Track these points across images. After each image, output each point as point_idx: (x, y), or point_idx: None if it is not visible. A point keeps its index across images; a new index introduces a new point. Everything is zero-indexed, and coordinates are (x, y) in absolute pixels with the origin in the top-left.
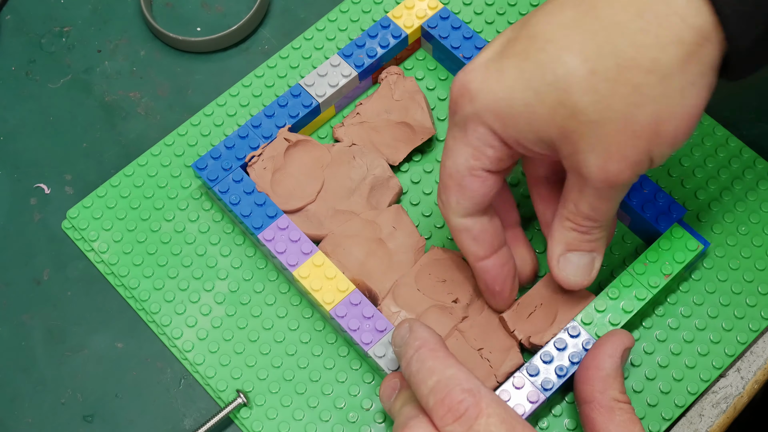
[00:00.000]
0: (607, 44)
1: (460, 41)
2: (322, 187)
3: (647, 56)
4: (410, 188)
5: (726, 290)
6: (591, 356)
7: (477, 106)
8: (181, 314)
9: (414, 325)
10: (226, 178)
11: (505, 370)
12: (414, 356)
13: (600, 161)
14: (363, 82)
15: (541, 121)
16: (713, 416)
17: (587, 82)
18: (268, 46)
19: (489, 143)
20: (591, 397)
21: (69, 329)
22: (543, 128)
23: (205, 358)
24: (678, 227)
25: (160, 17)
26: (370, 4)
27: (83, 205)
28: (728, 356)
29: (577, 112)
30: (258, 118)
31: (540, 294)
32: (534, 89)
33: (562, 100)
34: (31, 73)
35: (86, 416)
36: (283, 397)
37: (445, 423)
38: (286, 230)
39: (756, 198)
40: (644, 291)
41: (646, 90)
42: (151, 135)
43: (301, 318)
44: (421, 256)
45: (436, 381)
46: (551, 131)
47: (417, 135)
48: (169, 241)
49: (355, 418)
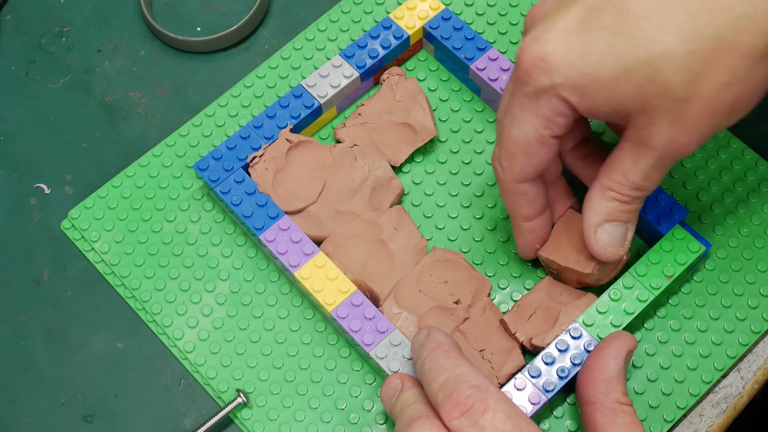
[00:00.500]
0: (709, 26)
1: (461, 42)
2: (324, 188)
3: (747, 41)
4: (412, 189)
5: (728, 292)
6: (594, 358)
7: (556, 79)
8: (183, 315)
9: (432, 330)
10: (228, 179)
11: (507, 371)
12: (428, 356)
13: (674, 134)
14: (365, 83)
15: (624, 96)
16: (713, 416)
17: (682, 62)
18: (268, 46)
19: (561, 113)
20: (594, 398)
21: (69, 329)
22: (624, 102)
23: (206, 359)
24: (680, 229)
25: (160, 17)
26: (371, 5)
27: (84, 205)
28: (730, 358)
29: (666, 89)
30: (259, 119)
31: (541, 296)
32: (624, 66)
33: (653, 77)
34: (31, 73)
35: (86, 416)
36: (284, 398)
37: (452, 417)
38: (288, 231)
39: (758, 199)
40: (646, 292)
41: (739, 71)
42: (151, 135)
43: (303, 319)
44: (423, 257)
45: (446, 378)
46: (632, 105)
47: (419, 136)
48: (170, 242)
49: (356, 419)
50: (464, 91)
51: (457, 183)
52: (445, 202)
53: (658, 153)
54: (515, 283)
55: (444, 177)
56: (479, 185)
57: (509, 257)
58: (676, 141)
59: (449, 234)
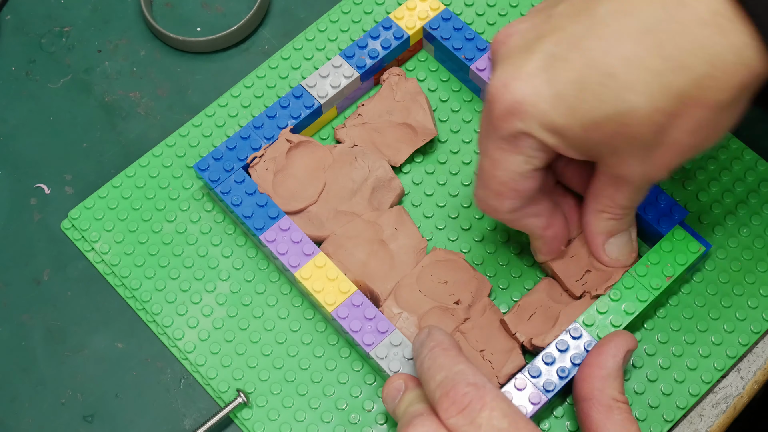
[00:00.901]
0: (672, 85)
1: (461, 42)
2: (324, 188)
3: (710, 96)
4: (412, 189)
5: (727, 292)
6: (594, 355)
7: (531, 124)
8: (183, 315)
9: (433, 329)
10: (228, 179)
11: (507, 371)
12: (428, 354)
13: (646, 169)
14: (365, 83)
15: (594, 142)
16: (713, 416)
17: (649, 118)
18: (268, 46)
19: (540, 148)
20: (590, 395)
21: (69, 329)
22: (596, 146)
23: (206, 359)
24: (679, 229)
25: (160, 17)
26: (372, 5)
27: (85, 205)
28: (730, 358)
29: (635, 139)
30: (260, 119)
31: (541, 296)
32: (593, 119)
33: (621, 130)
34: (31, 73)
35: (86, 416)
36: (284, 398)
37: (449, 415)
38: (288, 231)
39: (757, 200)
40: (646, 293)
41: (704, 121)
42: (151, 135)
43: (303, 319)
44: (423, 257)
45: (444, 376)
46: (603, 149)
47: (419, 136)
48: (170, 242)
49: (356, 419)
50: (464, 92)
51: (457, 183)
52: (445, 202)
53: (635, 183)
54: (515, 284)
55: (444, 177)
56: None
57: (509, 258)
58: (648, 173)
59: (449, 234)
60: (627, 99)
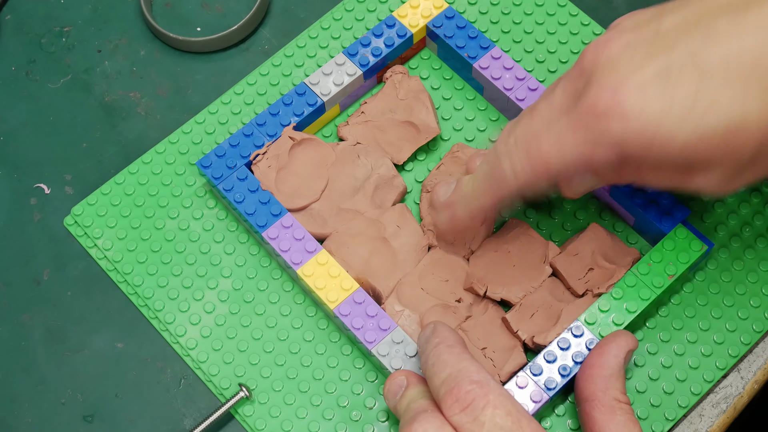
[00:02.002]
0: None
1: (465, 41)
2: (327, 185)
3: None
4: (414, 187)
5: (730, 291)
6: (595, 355)
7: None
8: (185, 312)
9: (438, 325)
10: (231, 176)
11: (509, 369)
12: (432, 351)
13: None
14: (368, 81)
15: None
16: (713, 416)
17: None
18: (268, 46)
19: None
20: (593, 395)
21: (69, 329)
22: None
23: (208, 356)
24: (682, 228)
25: (160, 17)
26: (375, 3)
27: (87, 202)
28: (732, 357)
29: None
30: (263, 117)
31: (543, 294)
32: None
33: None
34: (31, 73)
35: (86, 416)
36: (286, 395)
37: (453, 412)
38: (291, 228)
39: (760, 199)
40: (648, 291)
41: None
42: (151, 135)
43: (305, 316)
44: (425, 255)
45: (448, 373)
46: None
47: (421, 134)
48: (173, 239)
49: (358, 416)
50: (467, 90)
51: None
52: None
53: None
54: None
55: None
56: None
57: None
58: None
59: None
60: (741, 111)
